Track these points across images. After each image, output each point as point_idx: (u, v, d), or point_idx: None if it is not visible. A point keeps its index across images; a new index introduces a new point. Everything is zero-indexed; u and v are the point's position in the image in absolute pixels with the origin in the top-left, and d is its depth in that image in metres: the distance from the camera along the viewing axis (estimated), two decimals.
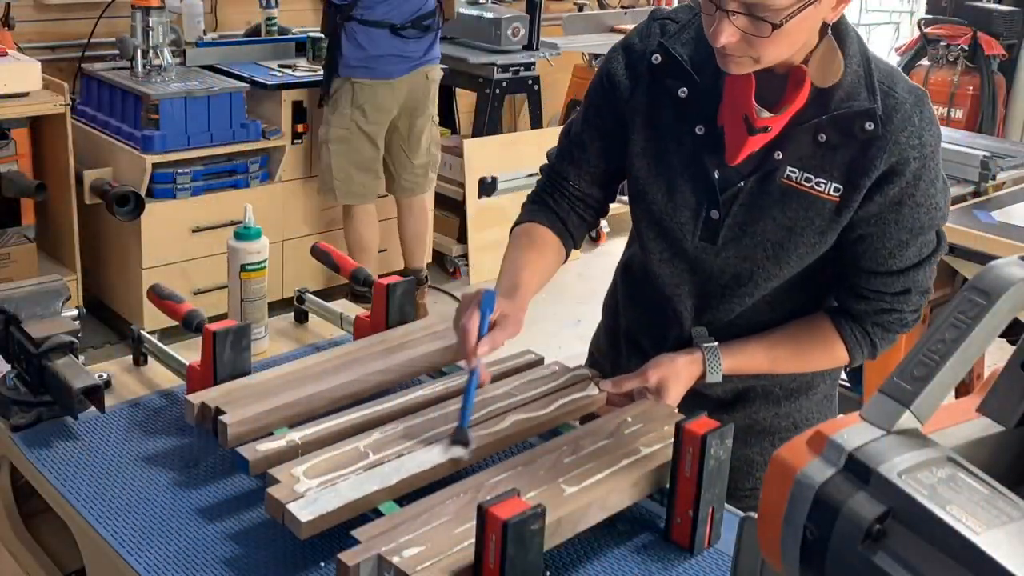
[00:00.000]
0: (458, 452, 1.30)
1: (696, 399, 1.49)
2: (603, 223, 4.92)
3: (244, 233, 1.72)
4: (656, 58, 1.43)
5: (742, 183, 1.41)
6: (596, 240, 5.20)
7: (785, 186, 1.39)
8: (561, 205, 1.57)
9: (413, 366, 1.57)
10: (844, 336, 1.47)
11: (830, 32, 1.33)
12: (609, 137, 1.51)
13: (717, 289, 1.49)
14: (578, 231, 1.59)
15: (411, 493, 1.24)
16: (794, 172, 1.38)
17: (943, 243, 1.44)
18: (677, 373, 1.46)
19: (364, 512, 1.22)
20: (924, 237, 1.40)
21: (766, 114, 1.34)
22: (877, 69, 1.37)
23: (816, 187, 1.38)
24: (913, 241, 1.40)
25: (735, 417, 1.52)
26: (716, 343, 1.48)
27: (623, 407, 1.45)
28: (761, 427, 1.59)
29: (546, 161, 1.62)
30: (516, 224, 1.59)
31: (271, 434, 1.35)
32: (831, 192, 1.37)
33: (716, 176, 1.42)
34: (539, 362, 1.62)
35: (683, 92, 1.42)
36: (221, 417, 1.36)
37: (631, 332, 1.64)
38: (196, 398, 1.41)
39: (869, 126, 1.33)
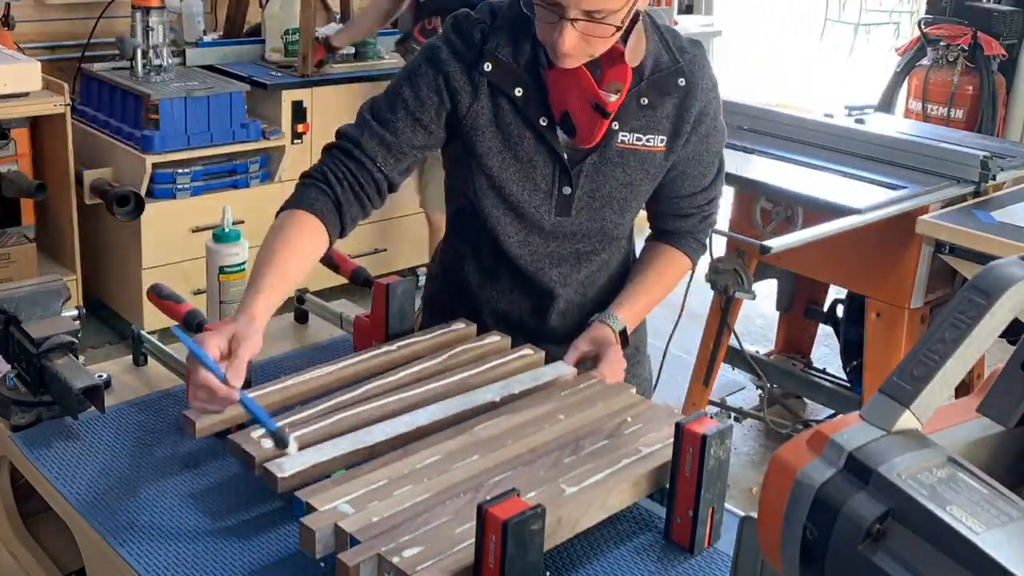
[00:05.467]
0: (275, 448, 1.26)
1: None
2: None
3: (222, 235, 1.71)
4: (487, 66, 1.54)
5: (587, 157, 1.57)
6: None
7: (621, 149, 1.58)
8: (346, 190, 1.51)
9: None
10: (685, 250, 1.75)
11: (641, 16, 1.49)
12: (425, 130, 1.56)
13: (572, 252, 1.66)
14: (353, 221, 1.54)
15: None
16: (627, 136, 1.57)
17: (722, 154, 1.72)
18: (617, 353, 1.60)
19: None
20: (720, 154, 1.69)
21: (612, 98, 1.52)
22: (667, 33, 1.59)
23: (647, 143, 1.59)
24: (714, 160, 1.68)
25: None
26: (618, 320, 1.63)
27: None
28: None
29: (335, 140, 1.56)
30: (287, 206, 1.49)
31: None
32: (658, 144, 1.59)
33: (566, 157, 1.56)
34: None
35: (519, 91, 1.55)
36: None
37: (507, 318, 1.71)
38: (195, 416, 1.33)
39: (681, 82, 1.56)
